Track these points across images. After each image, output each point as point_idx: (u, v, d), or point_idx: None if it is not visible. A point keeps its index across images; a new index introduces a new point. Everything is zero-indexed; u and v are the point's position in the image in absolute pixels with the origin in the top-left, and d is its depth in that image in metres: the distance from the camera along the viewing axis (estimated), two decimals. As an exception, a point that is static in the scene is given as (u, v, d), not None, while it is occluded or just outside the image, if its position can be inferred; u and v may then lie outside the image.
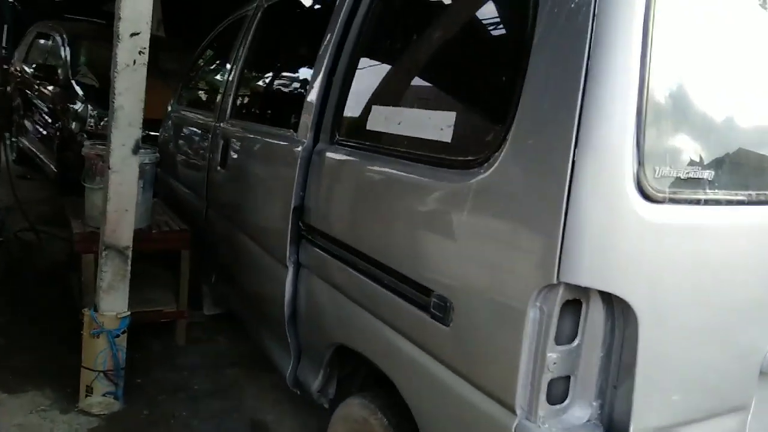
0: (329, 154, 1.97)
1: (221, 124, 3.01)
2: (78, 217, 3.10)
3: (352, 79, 1.96)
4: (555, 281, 1.13)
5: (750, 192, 1.27)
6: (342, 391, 2.10)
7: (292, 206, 2.06)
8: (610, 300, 1.17)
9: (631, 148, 1.12)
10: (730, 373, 1.30)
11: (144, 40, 2.27)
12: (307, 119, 2.10)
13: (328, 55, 2.06)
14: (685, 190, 1.18)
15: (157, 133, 4.87)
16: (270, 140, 2.41)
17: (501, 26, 1.50)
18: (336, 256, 1.84)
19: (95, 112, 5.17)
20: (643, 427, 1.17)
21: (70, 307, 3.42)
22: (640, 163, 1.12)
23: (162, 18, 9.52)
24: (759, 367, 1.31)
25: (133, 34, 2.25)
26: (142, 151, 2.56)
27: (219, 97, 3.13)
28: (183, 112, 3.92)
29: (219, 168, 2.88)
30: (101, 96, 5.60)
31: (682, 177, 1.17)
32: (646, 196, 1.13)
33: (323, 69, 2.06)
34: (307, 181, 2.06)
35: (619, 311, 1.18)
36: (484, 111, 1.44)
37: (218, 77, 3.32)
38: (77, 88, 5.56)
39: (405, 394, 1.56)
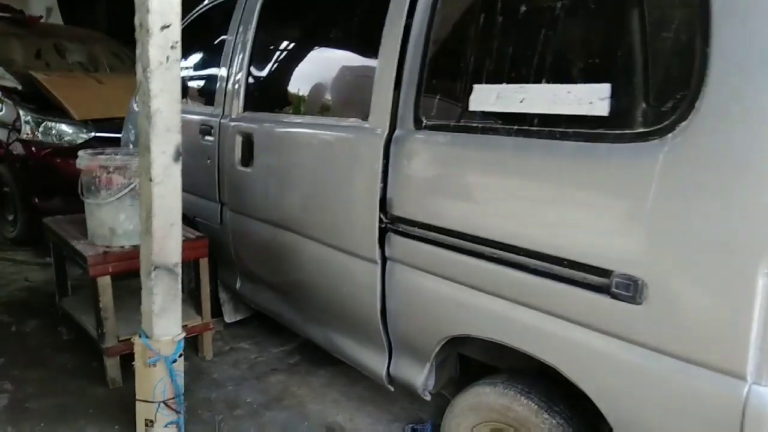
0: (419, 141, 1.86)
1: (229, 119, 2.78)
2: (78, 237, 2.78)
3: (435, 56, 1.85)
4: (790, 247, 1.14)
5: None
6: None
7: (378, 199, 1.95)
8: None
9: None
10: None
11: (176, 34, 2.01)
12: (380, 105, 1.97)
13: (396, 32, 1.92)
14: None
15: (110, 134, 4.47)
16: (327, 132, 2.24)
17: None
18: (453, 247, 1.75)
19: (29, 117, 4.62)
20: None
21: (74, 338, 3.11)
22: None
23: (53, 5, 8.69)
24: None
25: (163, 27, 1.99)
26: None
27: (221, 89, 2.88)
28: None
29: (240, 167, 2.66)
30: (27, 100, 5.02)
31: None
32: None
33: (393, 49, 1.93)
34: (387, 172, 1.95)
35: None
36: (659, 78, 1.37)
37: (212, 68, 3.03)
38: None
39: (577, 377, 1.53)
